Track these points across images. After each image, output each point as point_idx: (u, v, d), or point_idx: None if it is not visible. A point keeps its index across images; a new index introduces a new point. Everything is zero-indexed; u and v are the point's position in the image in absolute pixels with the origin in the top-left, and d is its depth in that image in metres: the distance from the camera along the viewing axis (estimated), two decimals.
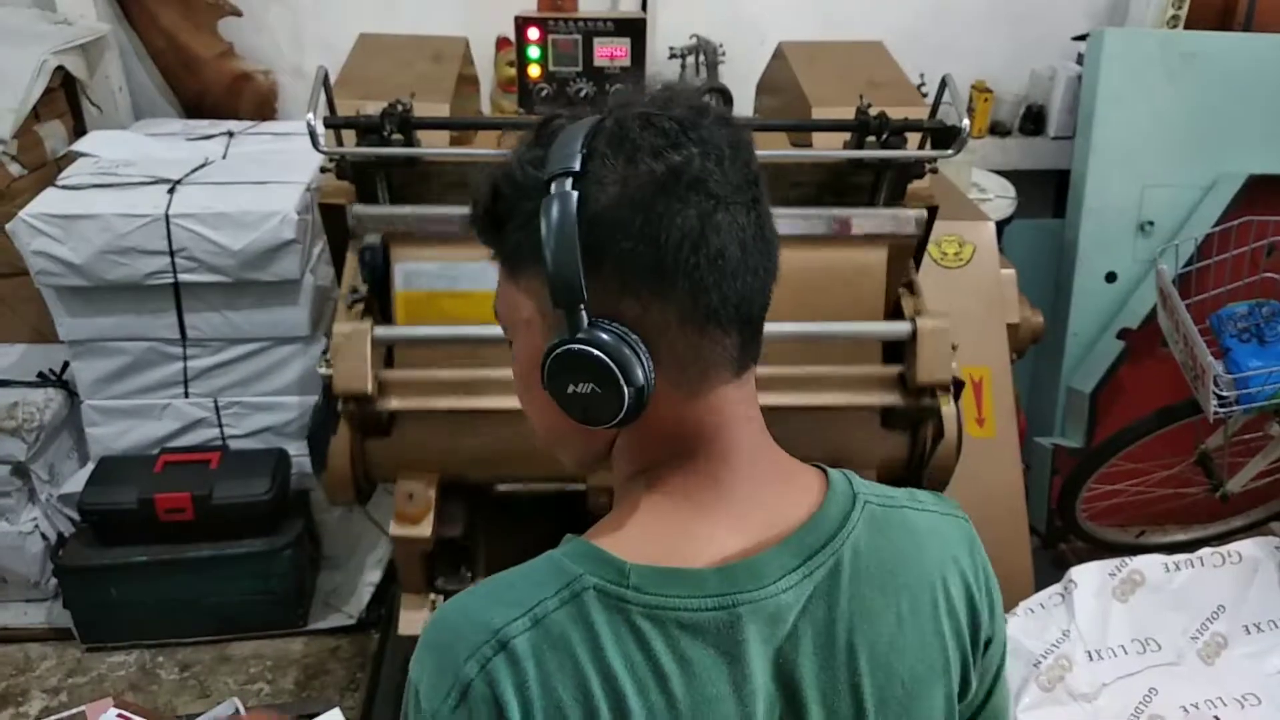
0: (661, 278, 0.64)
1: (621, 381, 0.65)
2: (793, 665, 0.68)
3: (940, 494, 0.80)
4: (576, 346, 0.65)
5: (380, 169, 1.65)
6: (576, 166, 0.64)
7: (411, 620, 1.75)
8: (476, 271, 1.67)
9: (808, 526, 0.70)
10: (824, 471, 0.75)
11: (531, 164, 0.67)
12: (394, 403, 1.64)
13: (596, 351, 0.64)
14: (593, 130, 0.66)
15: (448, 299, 1.69)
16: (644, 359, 0.65)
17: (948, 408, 1.67)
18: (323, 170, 1.68)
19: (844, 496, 0.72)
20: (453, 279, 1.68)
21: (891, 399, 1.68)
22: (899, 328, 1.68)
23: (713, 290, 0.65)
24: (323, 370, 1.60)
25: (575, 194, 0.64)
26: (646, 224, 0.64)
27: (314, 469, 1.70)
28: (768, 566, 0.68)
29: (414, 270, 1.69)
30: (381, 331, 1.62)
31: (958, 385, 1.68)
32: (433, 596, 1.78)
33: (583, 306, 0.65)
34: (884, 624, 0.70)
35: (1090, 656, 1.57)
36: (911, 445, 1.74)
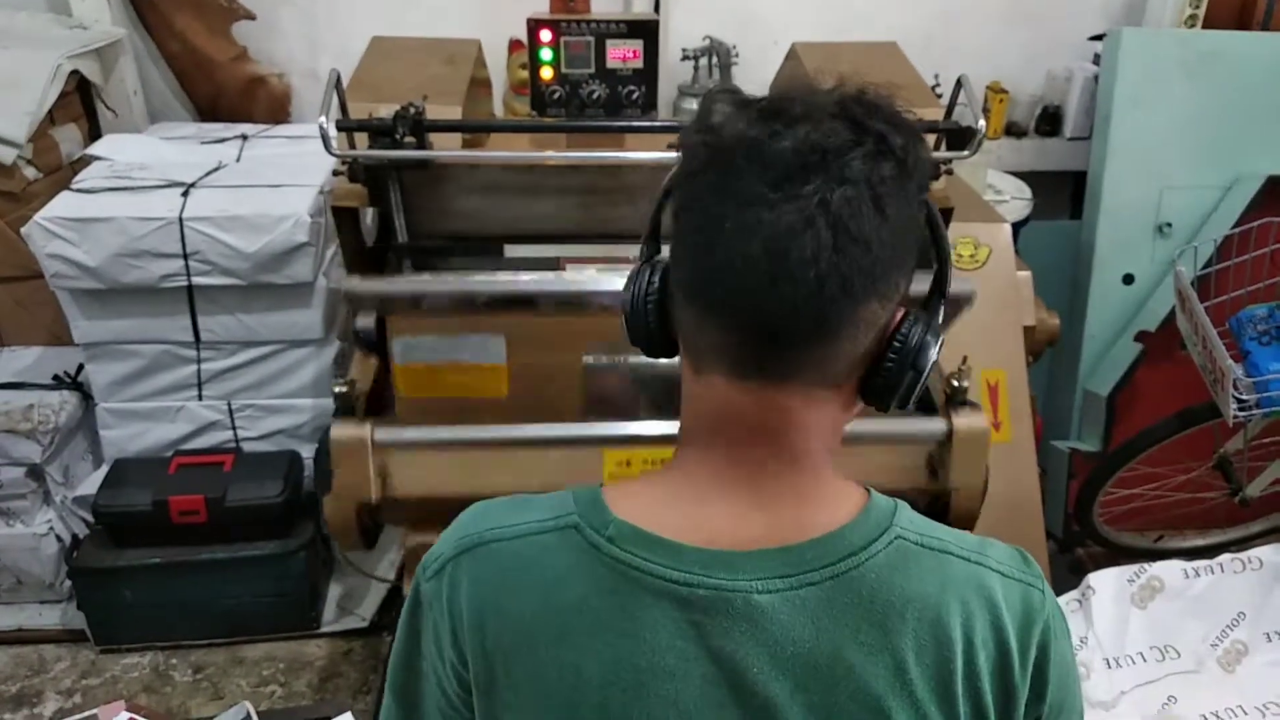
0: (678, 240, 0.69)
1: (630, 297, 0.75)
2: (755, 670, 0.67)
3: (1022, 553, 0.75)
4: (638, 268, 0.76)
5: (392, 171, 1.64)
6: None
7: None
8: (478, 344, 1.62)
9: (816, 542, 0.69)
10: (870, 495, 0.73)
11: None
12: (398, 490, 1.58)
13: (640, 270, 0.74)
14: None
15: (449, 372, 1.63)
16: (648, 290, 0.74)
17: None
18: (335, 173, 1.68)
19: (875, 525, 0.70)
20: (454, 351, 1.62)
21: (917, 483, 1.60)
22: (933, 427, 1.59)
23: (700, 271, 0.67)
24: (337, 388, 1.57)
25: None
26: (690, 194, 0.68)
27: (317, 491, 1.65)
28: (749, 564, 0.67)
29: (411, 344, 1.63)
30: (383, 435, 1.56)
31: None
32: None
33: (653, 239, 0.76)
34: (878, 668, 0.67)
35: (1109, 664, 1.55)
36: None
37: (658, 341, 0.75)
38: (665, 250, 0.74)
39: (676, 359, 0.75)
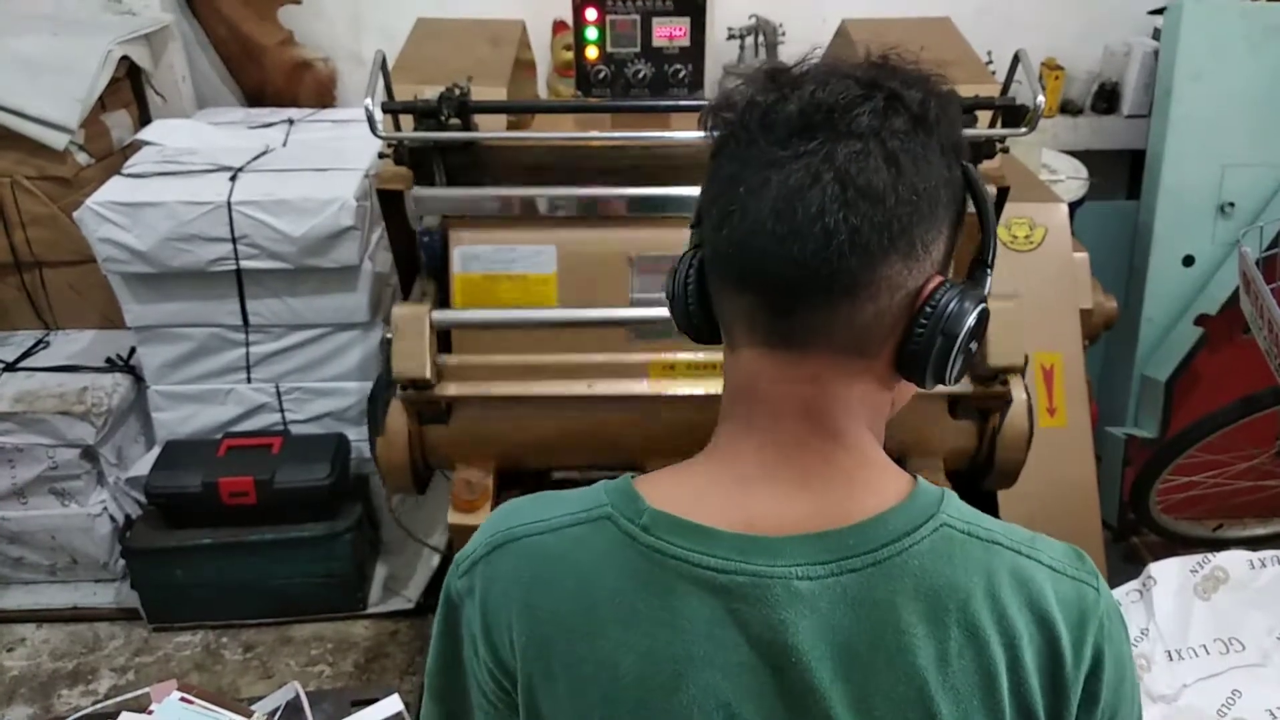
0: (708, 213, 0.69)
1: (670, 285, 0.74)
2: (795, 658, 0.65)
3: (1078, 552, 0.71)
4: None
5: (437, 153, 1.63)
6: None
7: None
8: (531, 255, 1.66)
9: (858, 527, 0.66)
10: (916, 482, 0.70)
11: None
12: (451, 389, 1.63)
13: (682, 258, 0.74)
14: None
15: (504, 281, 1.68)
16: (682, 277, 0.73)
17: (1018, 394, 1.61)
18: (381, 156, 1.68)
19: (920, 511, 0.67)
20: (508, 262, 1.67)
21: (960, 386, 1.62)
22: None
23: (720, 242, 0.67)
24: (387, 334, 1.62)
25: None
26: (713, 171, 0.69)
27: (370, 434, 1.70)
28: (790, 549, 0.65)
29: (471, 253, 1.68)
30: (439, 315, 1.62)
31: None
32: None
33: (699, 225, 0.72)
34: (919, 659, 0.65)
35: (1170, 656, 1.50)
36: (980, 433, 1.69)
37: (699, 325, 0.74)
38: None
39: None
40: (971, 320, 0.66)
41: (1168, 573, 1.56)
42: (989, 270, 0.72)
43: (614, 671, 0.66)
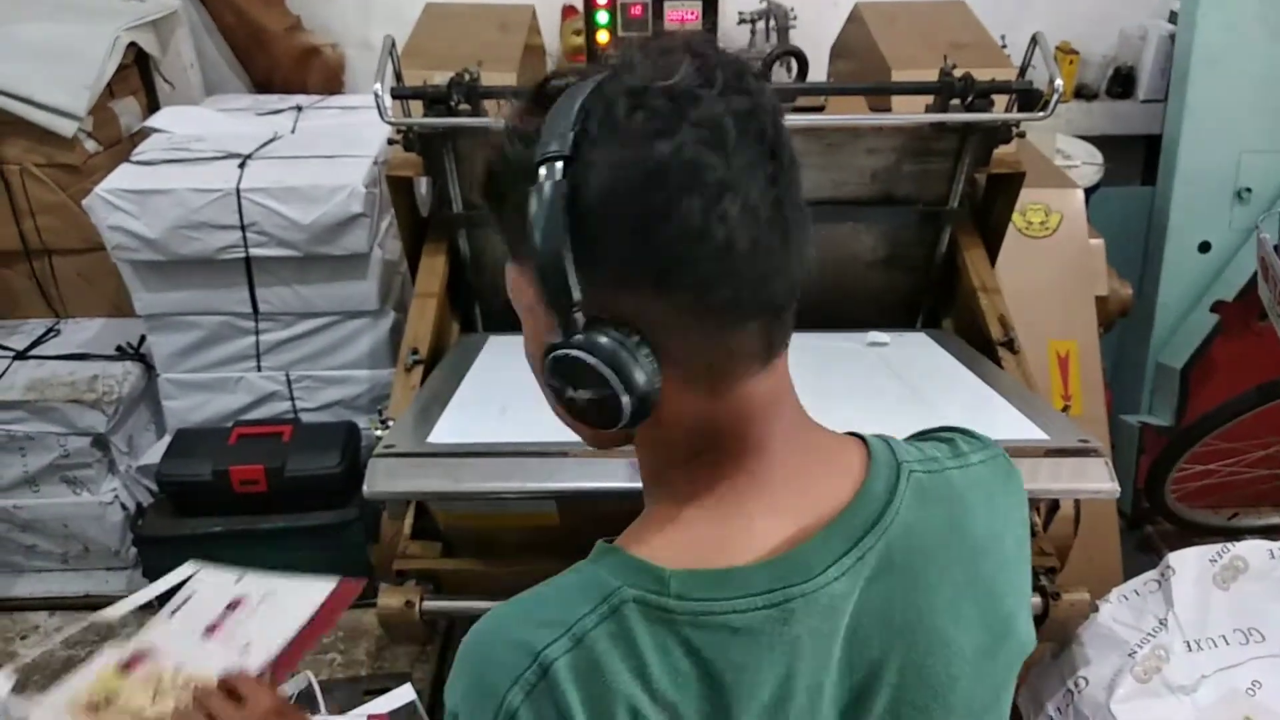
0: (663, 275, 0.58)
1: (620, 389, 0.60)
2: (854, 656, 0.64)
3: (968, 430, 0.75)
4: (570, 352, 0.60)
5: (447, 140, 1.62)
6: (567, 149, 0.57)
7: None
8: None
9: (853, 507, 0.65)
10: (864, 442, 0.70)
11: (523, 139, 0.60)
12: None
13: (590, 358, 0.59)
14: (585, 104, 0.58)
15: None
16: (644, 362, 0.60)
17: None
18: (390, 142, 1.67)
19: (888, 468, 0.67)
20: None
21: None
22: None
23: (722, 285, 0.58)
24: (376, 432, 1.36)
25: (564, 183, 0.57)
26: (640, 218, 0.57)
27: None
28: (815, 555, 0.63)
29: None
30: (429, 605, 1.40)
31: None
32: None
33: (575, 308, 0.59)
34: (941, 598, 0.66)
35: (1189, 647, 1.49)
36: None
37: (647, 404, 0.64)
38: None
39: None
40: None
41: (1186, 562, 1.54)
42: None
43: None
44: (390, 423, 1.34)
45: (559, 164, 0.57)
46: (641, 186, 0.57)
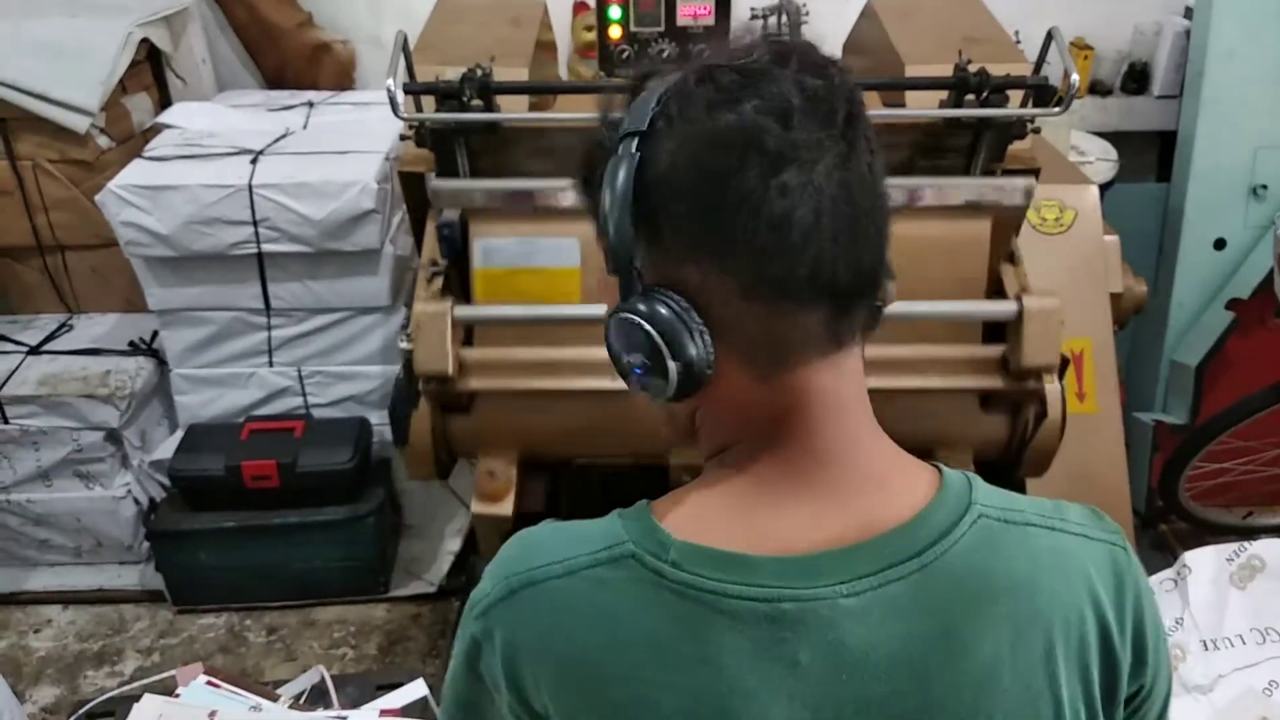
0: (720, 246, 0.60)
1: (667, 356, 0.61)
2: (847, 678, 0.61)
3: (1095, 511, 0.70)
4: (624, 315, 0.62)
5: (459, 135, 1.62)
6: (644, 126, 0.61)
7: None
8: (553, 248, 1.63)
9: (898, 531, 0.63)
10: (940, 472, 0.67)
11: (613, 125, 0.64)
12: (473, 383, 1.62)
13: (643, 323, 0.61)
14: (668, 88, 0.62)
15: (525, 275, 1.65)
16: (696, 332, 0.61)
17: (1052, 387, 1.58)
18: (402, 138, 1.66)
19: (955, 505, 0.64)
20: (530, 255, 1.65)
21: (993, 383, 1.59)
22: (1004, 308, 1.59)
23: (776, 260, 0.59)
24: (403, 345, 1.58)
25: (638, 156, 0.60)
26: (700, 187, 0.59)
27: (395, 441, 1.69)
28: (831, 566, 0.62)
29: (492, 246, 1.66)
30: (461, 311, 1.60)
31: (1063, 363, 1.59)
32: None
33: (636, 273, 0.62)
34: (977, 658, 0.62)
35: (1206, 646, 1.48)
36: (1012, 427, 1.66)
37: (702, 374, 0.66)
38: None
39: None
40: None
41: (1203, 561, 1.53)
42: None
43: (654, 715, 0.63)
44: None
45: (635, 139, 0.61)
46: (702, 153, 0.59)
